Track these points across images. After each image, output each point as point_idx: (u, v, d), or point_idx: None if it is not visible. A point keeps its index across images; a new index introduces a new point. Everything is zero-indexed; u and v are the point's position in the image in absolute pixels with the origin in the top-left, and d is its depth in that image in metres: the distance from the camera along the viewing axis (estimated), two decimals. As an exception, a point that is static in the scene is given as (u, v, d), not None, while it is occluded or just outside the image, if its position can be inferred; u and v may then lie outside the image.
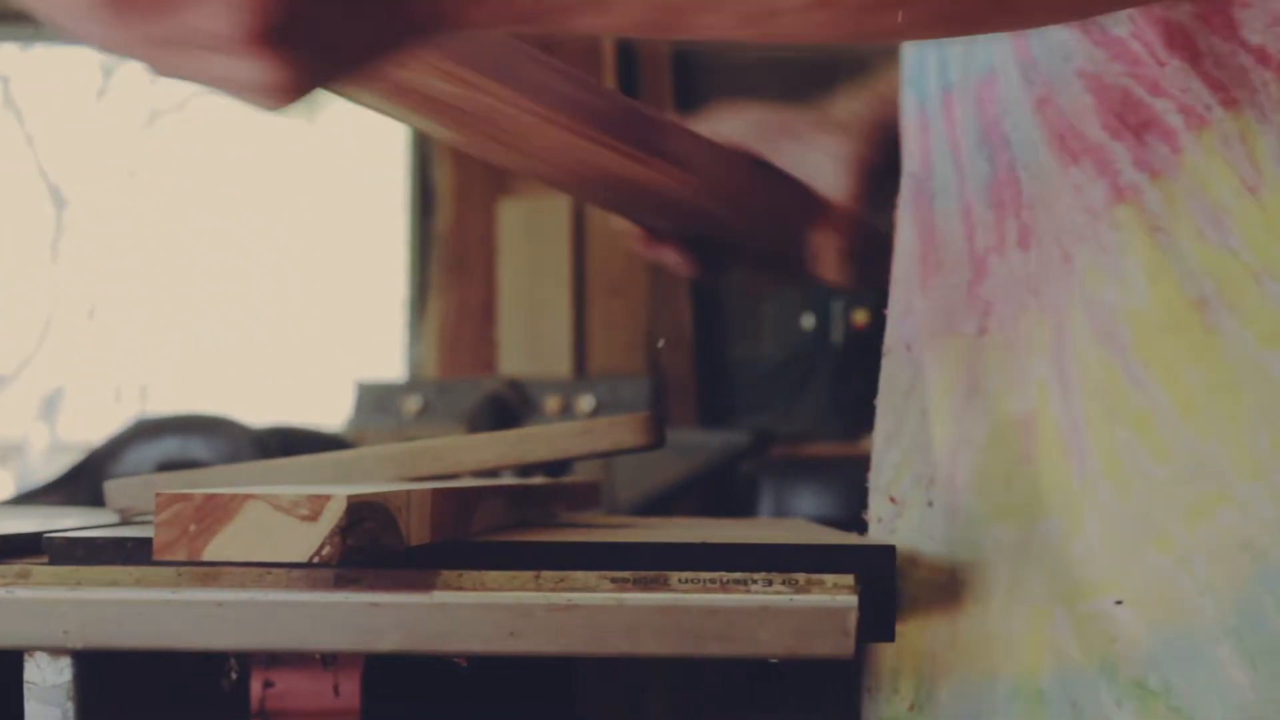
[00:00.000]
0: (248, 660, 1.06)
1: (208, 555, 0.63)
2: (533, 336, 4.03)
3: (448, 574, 0.80)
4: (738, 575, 0.80)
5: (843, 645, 0.80)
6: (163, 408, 5.27)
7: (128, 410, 5.51)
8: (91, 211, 5.74)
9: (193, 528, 0.63)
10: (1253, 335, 0.78)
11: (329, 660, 1.03)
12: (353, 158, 4.90)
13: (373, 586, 0.79)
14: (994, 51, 0.88)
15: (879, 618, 0.81)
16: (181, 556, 0.63)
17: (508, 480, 1.10)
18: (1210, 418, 0.78)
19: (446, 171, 4.30)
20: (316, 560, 0.63)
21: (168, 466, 2.01)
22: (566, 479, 1.53)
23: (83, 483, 1.99)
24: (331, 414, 3.66)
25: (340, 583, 0.79)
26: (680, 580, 0.80)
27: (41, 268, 5.77)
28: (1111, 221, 0.81)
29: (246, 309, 5.40)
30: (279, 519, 0.63)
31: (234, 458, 2.01)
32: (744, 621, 0.79)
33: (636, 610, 0.80)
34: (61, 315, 5.82)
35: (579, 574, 0.80)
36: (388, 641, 0.79)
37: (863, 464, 1.13)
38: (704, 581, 0.80)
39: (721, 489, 3.93)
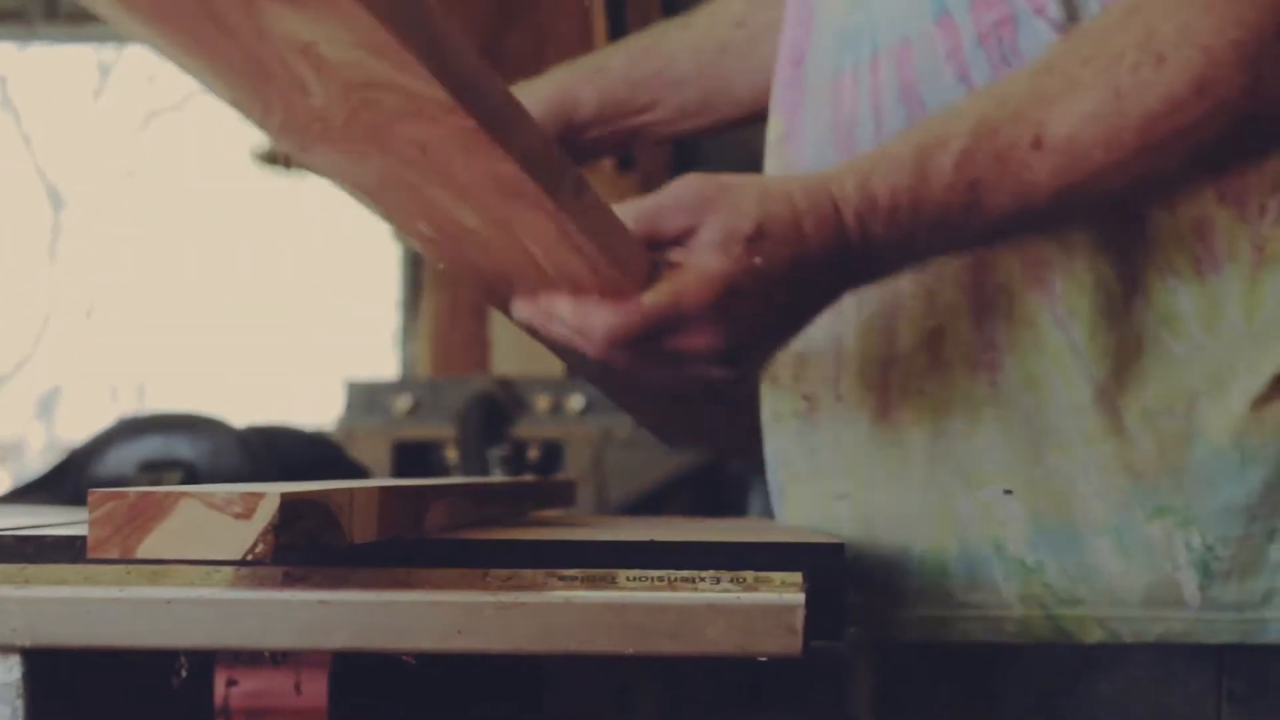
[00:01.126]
0: (211, 658, 1.06)
1: (141, 553, 0.63)
2: (525, 336, 4.02)
3: (397, 572, 0.80)
4: (686, 573, 0.81)
5: (790, 643, 0.80)
6: (160, 407, 5.27)
7: (125, 409, 5.51)
8: (89, 211, 5.74)
9: (127, 526, 0.63)
10: (1152, 316, 0.96)
11: (291, 659, 1.03)
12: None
13: (321, 585, 0.79)
14: (910, 23, 0.99)
15: (828, 615, 0.81)
16: (115, 554, 0.63)
17: (465, 479, 1.10)
18: (1116, 365, 0.96)
19: (440, 170, 4.30)
20: (250, 558, 0.64)
21: (150, 466, 2.02)
22: (537, 478, 1.53)
23: (66, 481, 1.99)
24: (326, 413, 3.67)
25: (289, 581, 0.79)
26: (629, 578, 0.80)
27: (39, 267, 5.77)
28: None
29: (241, 308, 5.40)
30: (212, 517, 0.63)
31: (216, 456, 2.01)
32: (691, 619, 0.80)
33: (584, 608, 0.80)
34: (59, 315, 5.82)
35: (527, 572, 0.80)
36: (336, 639, 0.79)
37: None
38: (652, 579, 0.80)
39: (713, 487, 3.94)
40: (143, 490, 0.62)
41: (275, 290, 5.31)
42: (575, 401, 3.24)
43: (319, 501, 0.68)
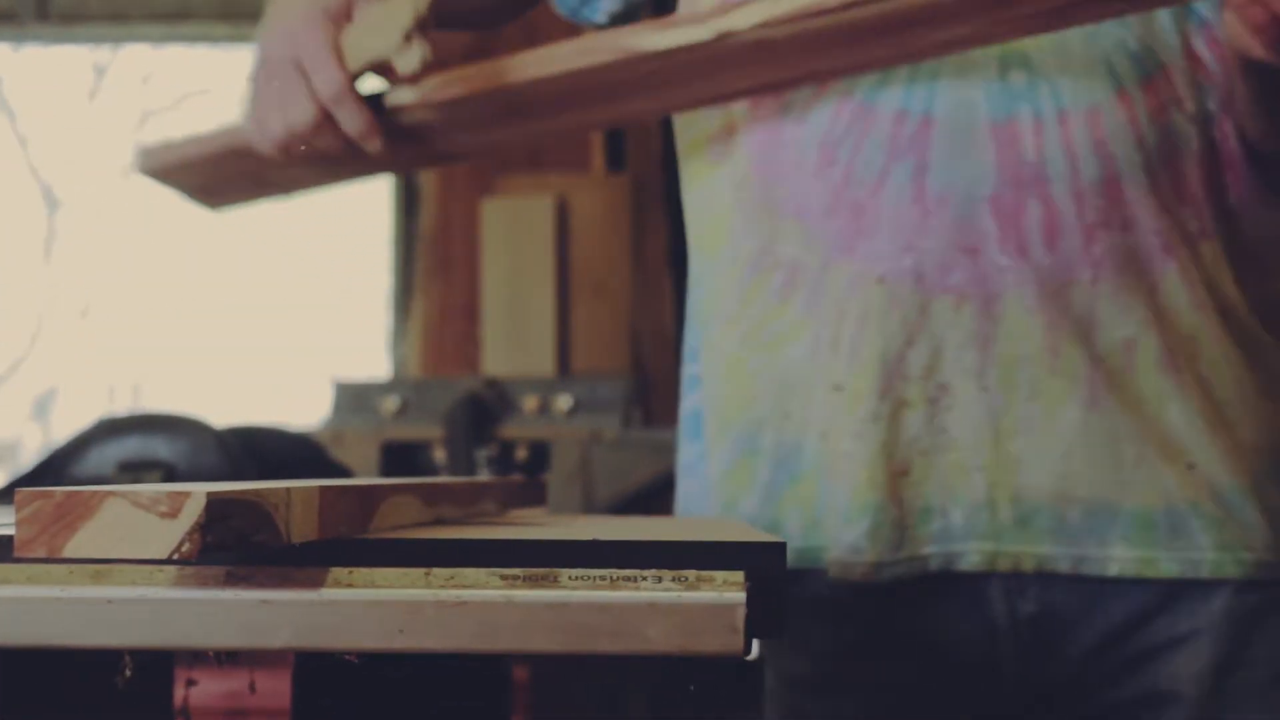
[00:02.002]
0: (170, 659, 1.06)
1: (68, 552, 0.63)
2: (516, 336, 4.03)
3: (338, 571, 0.80)
4: (628, 573, 0.81)
5: (731, 642, 0.80)
6: (145, 408, 5.28)
7: (121, 410, 5.50)
8: (84, 212, 5.74)
9: (54, 525, 0.63)
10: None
11: (245, 659, 1.03)
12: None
13: (263, 584, 0.79)
14: (1095, 93, 1.15)
15: (769, 614, 0.81)
16: (41, 553, 0.63)
17: (419, 479, 1.10)
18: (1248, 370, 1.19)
19: (431, 171, 4.30)
20: (177, 557, 0.64)
21: (129, 466, 2.01)
22: (504, 478, 1.53)
23: (46, 482, 1.99)
24: (320, 413, 3.67)
25: (232, 580, 0.79)
26: (571, 578, 0.81)
27: (34, 268, 5.77)
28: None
29: (236, 308, 5.40)
30: (139, 516, 0.63)
31: (196, 457, 2.01)
32: (633, 618, 0.80)
33: (526, 607, 0.80)
34: (54, 315, 5.83)
35: (470, 571, 0.80)
36: (278, 638, 0.79)
37: None
38: (594, 579, 0.80)
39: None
40: (69, 490, 0.62)
41: (270, 291, 5.31)
42: (563, 402, 3.24)
43: (250, 501, 0.68)
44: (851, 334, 1.15)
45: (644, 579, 0.80)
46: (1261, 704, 1.15)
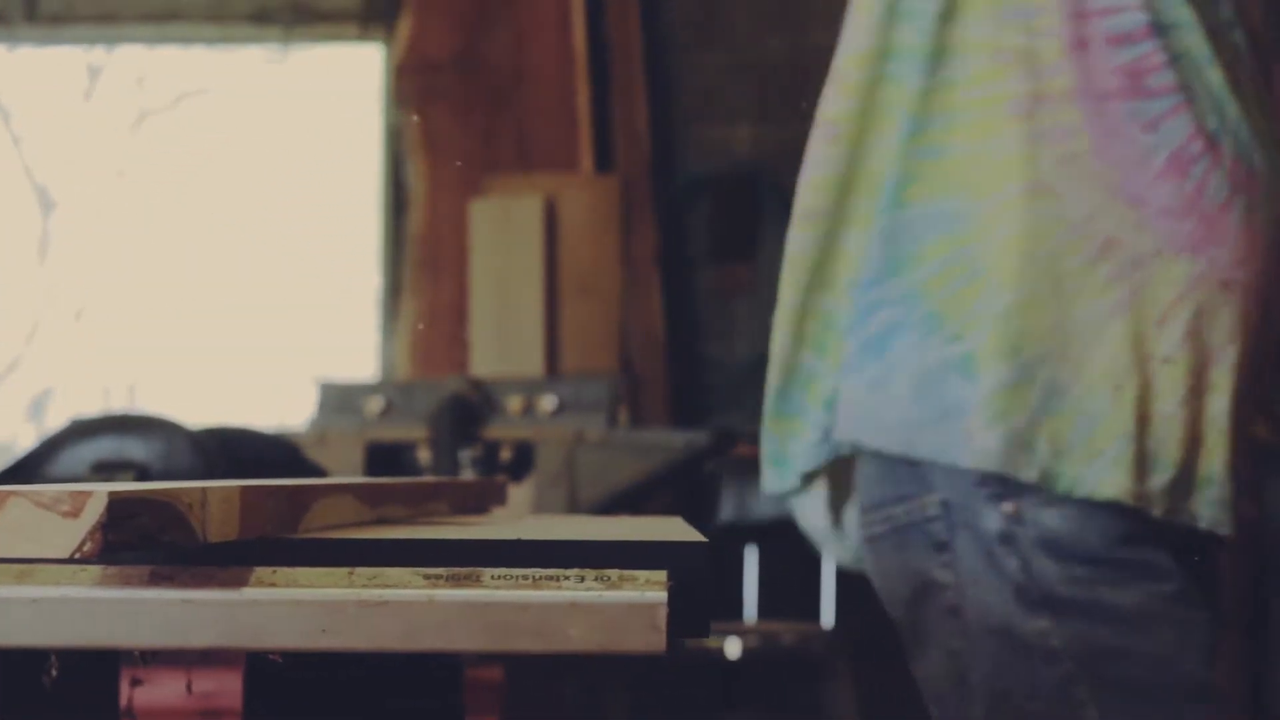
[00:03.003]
0: (116, 658, 1.07)
1: (-30, 551, 0.64)
2: (505, 336, 4.04)
3: (261, 571, 0.80)
4: (550, 572, 0.81)
5: (653, 641, 0.80)
6: (151, 408, 5.28)
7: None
8: (79, 213, 5.75)
9: (-44, 525, 0.63)
10: None
11: (187, 658, 1.03)
12: (330, 159, 4.91)
13: (187, 584, 0.80)
14: None
15: (693, 613, 0.81)
16: (-57, 553, 0.64)
17: (358, 479, 1.10)
18: None
19: (419, 171, 4.30)
20: (79, 556, 0.64)
21: (103, 466, 2.02)
22: (462, 478, 1.54)
23: (19, 483, 1.99)
24: (309, 413, 3.67)
25: (155, 580, 0.80)
26: (493, 577, 0.81)
27: (29, 269, 5.78)
28: None
29: (229, 309, 5.41)
30: (41, 515, 0.64)
31: (170, 458, 2.01)
32: (554, 617, 0.80)
33: (447, 606, 0.80)
34: (49, 316, 5.83)
35: (393, 571, 0.81)
36: (201, 638, 0.80)
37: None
38: (517, 578, 0.81)
39: (687, 487, 3.94)
40: (-29, 490, 0.62)
41: (261, 292, 5.31)
42: (547, 402, 3.24)
43: (159, 501, 0.68)
44: (1186, 319, 1.33)
45: (567, 578, 0.81)
46: None
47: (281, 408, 4.95)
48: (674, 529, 0.98)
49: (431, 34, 4.27)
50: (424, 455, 3.20)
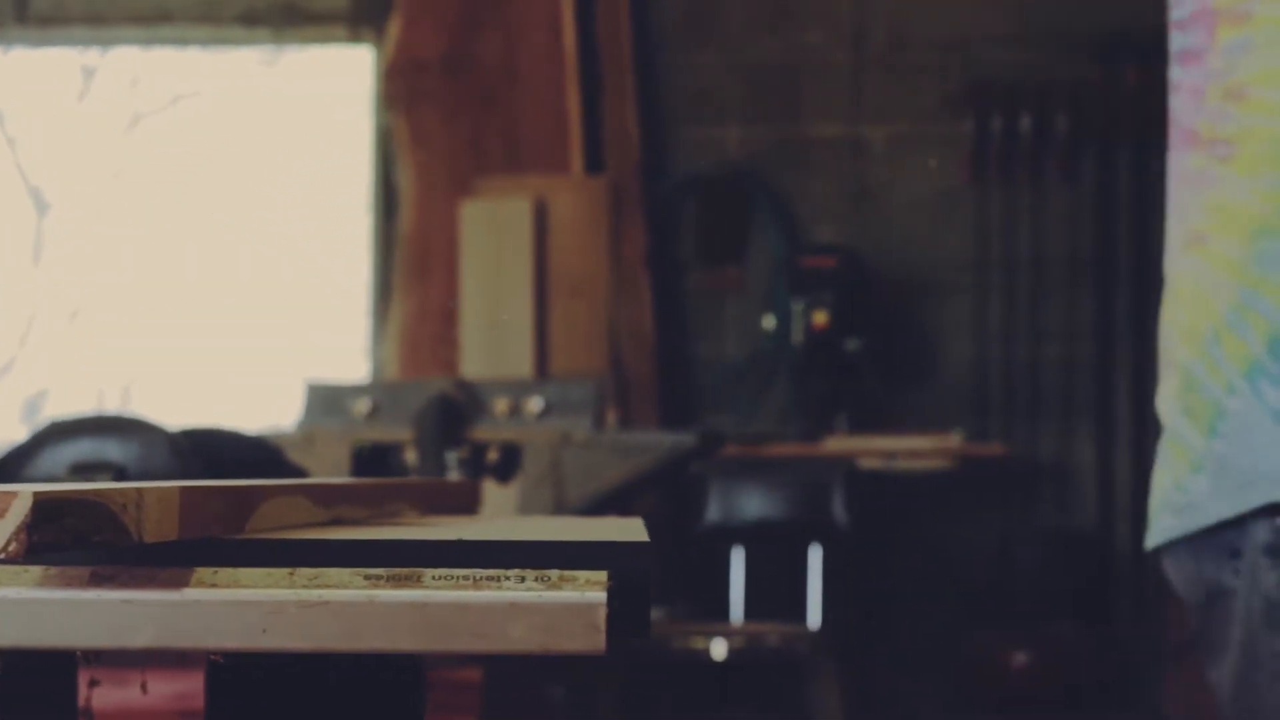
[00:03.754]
0: (73, 659, 1.07)
1: (-104, 551, 0.64)
2: (494, 337, 4.04)
3: (203, 571, 0.80)
4: (492, 572, 0.81)
5: (593, 641, 0.80)
6: (147, 410, 5.28)
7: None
8: (74, 214, 5.75)
9: (-119, 525, 0.63)
10: None
11: (144, 658, 1.03)
12: (320, 161, 4.91)
13: (127, 584, 0.80)
14: None
15: (632, 613, 0.81)
16: None
17: (311, 480, 1.10)
18: None
19: (409, 173, 4.31)
20: (3, 556, 0.64)
21: (81, 468, 2.02)
22: (429, 480, 1.54)
23: (-2, 484, 1.99)
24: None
25: (96, 580, 0.80)
26: (434, 577, 0.81)
27: (24, 270, 5.78)
28: None
29: (222, 311, 5.41)
30: (-33, 516, 0.64)
31: (147, 459, 2.02)
32: (494, 618, 0.80)
33: (388, 607, 0.80)
34: (44, 317, 5.83)
35: (334, 571, 0.81)
36: (142, 638, 0.80)
37: (816, 464, 1.29)
38: (458, 578, 0.81)
39: (673, 488, 3.94)
40: (-104, 490, 0.62)
41: (255, 293, 5.32)
42: (534, 404, 3.24)
43: (89, 501, 0.68)
44: None
45: (507, 579, 0.81)
46: None
47: (274, 408, 4.95)
48: (624, 530, 0.98)
49: (421, 35, 4.27)
50: (411, 456, 3.21)
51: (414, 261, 4.23)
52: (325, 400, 3.30)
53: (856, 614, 3.99)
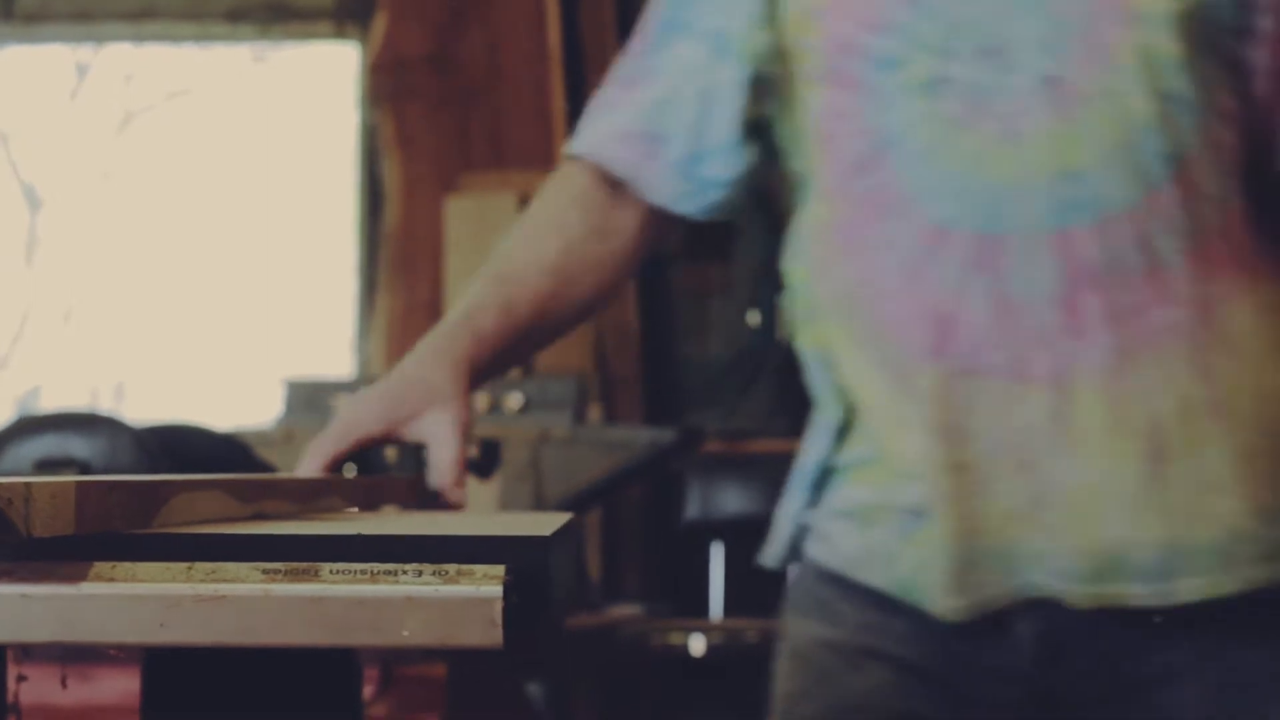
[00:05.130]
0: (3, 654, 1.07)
1: None
2: (480, 334, 4.03)
3: (101, 566, 0.81)
4: (389, 566, 0.81)
5: (490, 635, 0.80)
6: (139, 407, 5.30)
7: (104, 410, 5.51)
8: (66, 212, 5.76)
9: None
10: None
11: (69, 653, 1.04)
12: (307, 158, 4.92)
13: (25, 578, 0.80)
14: (1135, 194, 1.32)
15: (530, 608, 0.82)
16: None
17: (232, 475, 1.10)
18: None
19: (395, 169, 4.31)
20: (-126, 550, 0.64)
21: (46, 464, 2.02)
22: (368, 476, 1.54)
23: (-37, 481, 2.00)
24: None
25: (-7, 575, 0.80)
26: (332, 572, 0.81)
27: (16, 269, 5.79)
28: None
29: (212, 309, 5.42)
30: None
31: (113, 455, 2.02)
32: (390, 612, 0.80)
33: (284, 601, 0.80)
34: (37, 316, 5.84)
35: (232, 566, 0.81)
36: (40, 633, 0.80)
37: (795, 460, 1.36)
38: (355, 573, 0.81)
39: (653, 484, 3.94)
40: None
41: (244, 290, 5.32)
42: (513, 400, 3.25)
43: (-32, 495, 0.69)
44: (948, 420, 1.30)
45: (404, 573, 0.81)
46: None
47: (263, 405, 4.96)
48: (531, 524, 0.98)
49: (406, 32, 4.27)
50: (391, 453, 3.21)
51: (400, 258, 4.23)
52: (305, 397, 3.31)
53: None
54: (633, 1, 4.38)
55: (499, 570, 0.81)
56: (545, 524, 0.97)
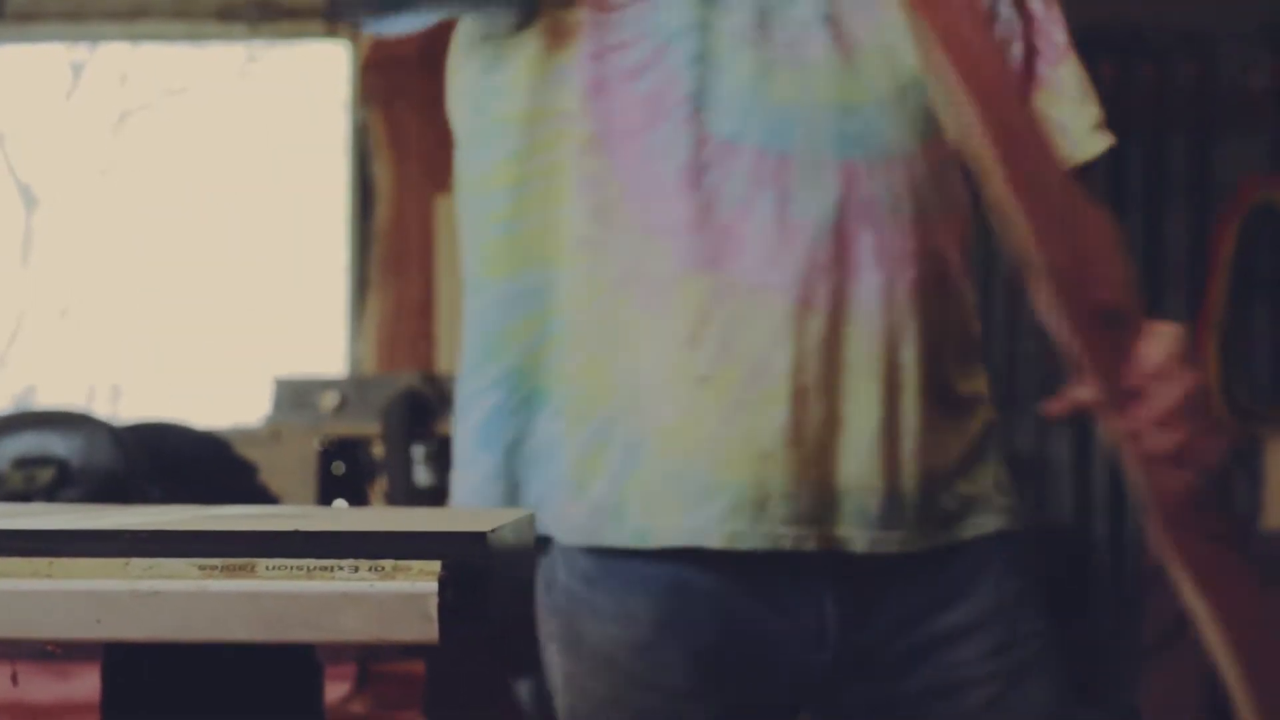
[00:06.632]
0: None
1: None
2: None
3: (37, 562, 0.81)
4: (326, 562, 0.81)
5: (426, 631, 0.80)
6: (135, 406, 5.30)
7: (100, 409, 5.52)
8: (63, 211, 5.76)
9: None
10: None
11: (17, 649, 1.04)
12: (297, 157, 4.92)
13: (-38, 574, 0.80)
14: (907, 142, 1.38)
15: (468, 603, 0.82)
16: None
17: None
18: None
19: (386, 169, 4.31)
20: None
21: (24, 462, 2.04)
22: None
23: (-55, 479, 2.01)
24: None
25: (-68, 570, 0.80)
26: (268, 568, 0.81)
27: (12, 268, 5.79)
28: None
29: (203, 306, 5.42)
30: None
31: (89, 453, 2.03)
32: (326, 608, 0.80)
33: (221, 597, 0.80)
34: (33, 315, 5.85)
35: (169, 562, 0.81)
36: (-24, 629, 0.80)
37: None
38: (291, 568, 0.81)
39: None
40: None
41: (239, 289, 5.33)
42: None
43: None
44: (717, 334, 1.29)
45: (341, 569, 0.81)
46: None
47: (255, 403, 4.96)
48: (470, 520, 0.99)
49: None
50: (378, 451, 3.22)
51: (391, 257, 4.24)
52: (293, 395, 3.31)
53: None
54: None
55: (435, 566, 0.81)
56: (489, 520, 0.97)
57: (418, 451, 3.19)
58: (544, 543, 1.35)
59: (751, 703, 1.34)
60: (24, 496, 1.90)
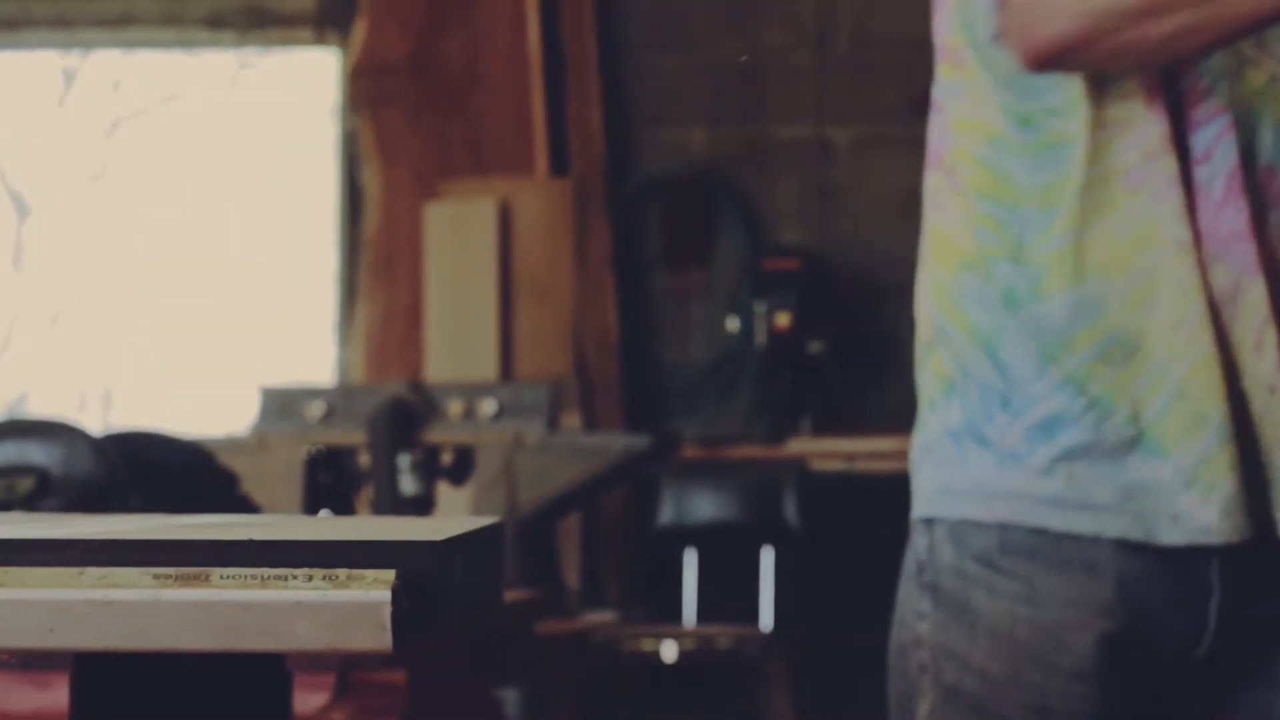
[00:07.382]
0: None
1: None
2: (459, 340, 4.05)
3: (-9, 571, 0.81)
4: (280, 571, 0.81)
5: (379, 639, 0.80)
6: (127, 413, 5.31)
7: (92, 416, 5.52)
8: (54, 218, 5.76)
9: None
10: None
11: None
12: (287, 164, 4.93)
13: (-86, 584, 0.80)
14: None
15: (422, 612, 0.82)
16: None
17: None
18: None
19: (374, 175, 4.31)
20: None
21: (4, 471, 2.03)
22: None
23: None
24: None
25: (-116, 580, 0.80)
26: (222, 577, 0.81)
27: (4, 275, 5.79)
28: None
29: (193, 313, 5.42)
30: None
31: (71, 462, 2.02)
32: (280, 617, 0.80)
33: (174, 606, 0.80)
34: (24, 322, 5.85)
35: (123, 571, 0.81)
36: (-71, 638, 0.80)
37: (769, 466, 1.38)
38: (245, 578, 0.81)
39: (628, 489, 3.94)
40: None
41: (229, 298, 5.33)
42: (488, 406, 3.25)
43: None
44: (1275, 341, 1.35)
45: (295, 578, 0.81)
46: None
47: (244, 412, 4.96)
48: (425, 529, 0.99)
49: (386, 37, 4.28)
50: (364, 460, 3.22)
51: (379, 264, 4.24)
52: (279, 404, 3.31)
53: (815, 615, 3.99)
54: (612, 7, 4.39)
55: (389, 575, 0.81)
56: (444, 529, 0.97)
57: (404, 460, 3.18)
58: (926, 524, 1.40)
59: (1143, 692, 1.35)
60: (3, 506, 1.90)
